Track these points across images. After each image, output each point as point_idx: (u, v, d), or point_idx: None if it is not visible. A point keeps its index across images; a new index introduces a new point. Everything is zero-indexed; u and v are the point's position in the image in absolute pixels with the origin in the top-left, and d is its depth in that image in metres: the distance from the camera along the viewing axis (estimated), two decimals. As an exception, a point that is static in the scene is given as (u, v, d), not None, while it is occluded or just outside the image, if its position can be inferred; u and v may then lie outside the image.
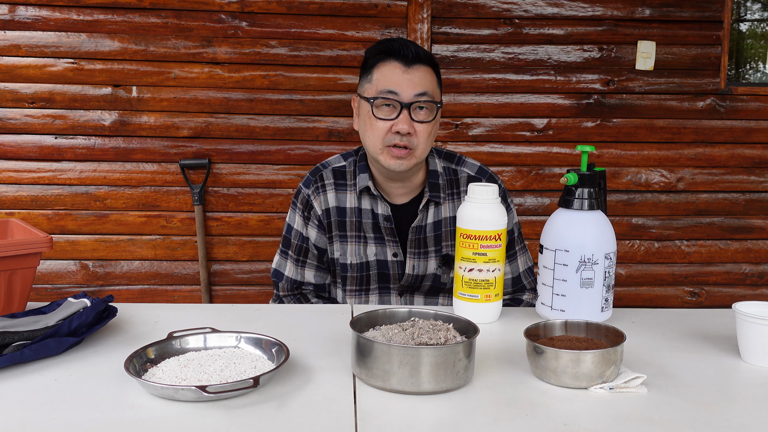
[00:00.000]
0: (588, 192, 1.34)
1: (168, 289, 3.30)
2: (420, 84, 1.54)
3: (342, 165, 1.69)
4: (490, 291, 1.36)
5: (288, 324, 1.35)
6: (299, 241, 1.69)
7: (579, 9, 3.25)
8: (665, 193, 3.39)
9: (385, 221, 1.64)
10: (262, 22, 3.17)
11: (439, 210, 1.66)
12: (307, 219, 1.68)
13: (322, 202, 1.66)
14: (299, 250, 1.70)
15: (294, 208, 1.71)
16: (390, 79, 1.54)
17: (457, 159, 1.71)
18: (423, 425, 0.94)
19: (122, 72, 3.15)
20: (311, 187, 1.68)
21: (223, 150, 3.23)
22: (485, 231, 1.34)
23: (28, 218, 3.19)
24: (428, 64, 1.57)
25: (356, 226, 1.66)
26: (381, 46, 1.58)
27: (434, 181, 1.65)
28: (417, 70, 1.55)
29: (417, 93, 1.54)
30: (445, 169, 1.68)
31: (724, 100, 3.34)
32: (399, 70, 1.54)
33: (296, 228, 1.70)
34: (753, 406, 1.02)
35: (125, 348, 1.18)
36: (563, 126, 3.31)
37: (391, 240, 1.65)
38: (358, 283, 1.68)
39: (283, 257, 1.72)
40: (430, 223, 1.66)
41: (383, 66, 1.56)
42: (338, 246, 1.67)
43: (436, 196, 1.64)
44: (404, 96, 1.53)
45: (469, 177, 1.68)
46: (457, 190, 1.68)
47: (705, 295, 3.47)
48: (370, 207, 1.65)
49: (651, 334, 1.33)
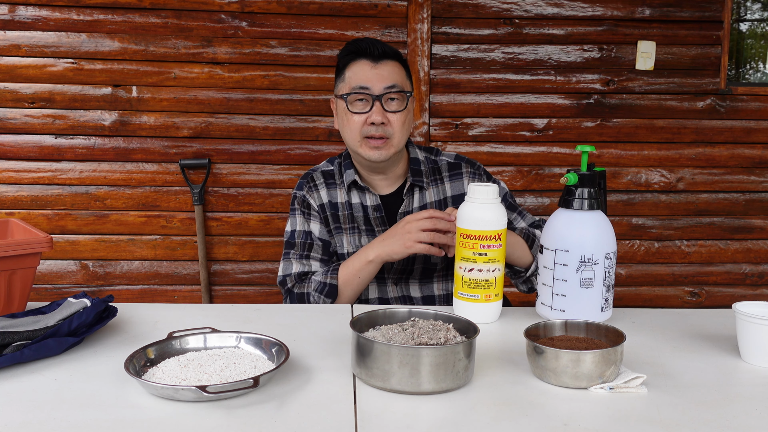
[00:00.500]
0: (588, 192, 1.34)
1: (168, 289, 3.30)
2: (389, 77, 1.66)
3: (330, 168, 1.80)
4: (490, 291, 1.36)
5: (288, 324, 1.35)
6: (303, 239, 1.73)
7: (579, 9, 3.25)
8: (665, 193, 3.39)
9: (375, 211, 1.73)
10: (262, 22, 3.17)
11: (423, 195, 1.75)
12: (308, 216, 1.75)
13: (316, 198, 1.76)
14: (303, 247, 1.73)
15: (293, 212, 1.77)
16: (360, 75, 1.66)
17: (435, 151, 1.83)
18: (423, 425, 0.94)
19: (122, 72, 3.15)
20: (305, 188, 1.77)
21: (223, 150, 3.23)
22: (485, 231, 1.34)
23: (28, 218, 3.19)
24: (395, 59, 1.69)
25: (349, 219, 1.74)
26: (350, 47, 1.70)
27: (416, 167, 1.76)
28: (385, 65, 1.67)
29: (387, 86, 1.65)
30: (426, 158, 1.79)
31: (724, 100, 3.34)
32: (368, 67, 1.66)
33: (298, 229, 1.74)
34: (753, 406, 1.02)
35: (125, 348, 1.18)
36: (563, 126, 3.31)
37: (381, 230, 1.72)
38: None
39: (287, 260, 1.74)
40: (416, 207, 1.75)
41: (354, 65, 1.68)
42: (337, 238, 1.74)
43: (419, 181, 1.74)
44: (375, 89, 1.65)
45: (449, 163, 1.79)
46: (439, 176, 1.78)
47: (705, 295, 3.47)
48: (359, 200, 1.74)
49: (651, 334, 1.33)
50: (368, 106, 1.66)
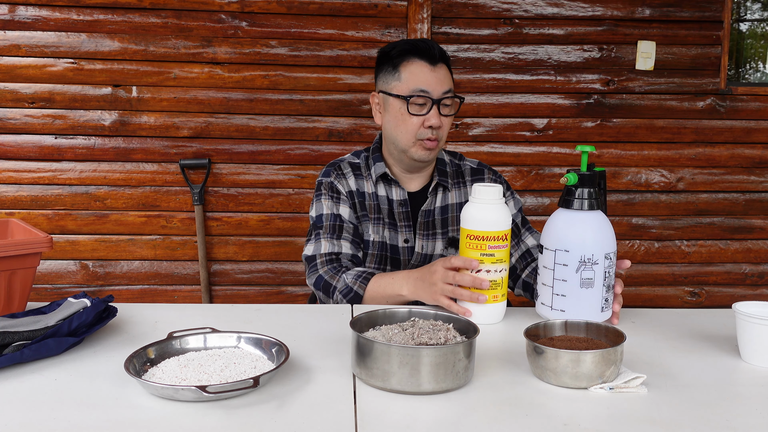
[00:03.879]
0: (588, 192, 1.34)
1: (168, 289, 3.30)
2: (445, 82, 1.68)
3: (356, 161, 1.79)
4: (498, 291, 1.36)
5: (288, 324, 1.35)
6: (332, 221, 1.70)
7: (579, 9, 3.25)
8: (665, 193, 3.39)
9: (401, 206, 1.74)
10: (262, 22, 3.17)
11: (446, 195, 1.78)
12: (337, 200, 1.73)
13: (345, 185, 1.74)
14: (333, 229, 1.69)
15: (319, 197, 1.74)
16: (420, 78, 1.66)
17: (459, 156, 1.87)
18: (423, 425, 0.94)
19: (122, 72, 3.15)
20: (332, 175, 1.75)
21: (223, 150, 3.23)
22: (493, 232, 1.33)
23: (28, 218, 3.19)
24: (447, 63, 1.71)
25: (375, 209, 1.75)
26: (406, 45, 1.68)
27: (442, 168, 1.80)
28: (441, 69, 1.68)
29: (444, 90, 1.67)
30: (450, 161, 1.83)
31: (724, 100, 3.34)
32: (427, 69, 1.66)
33: (326, 212, 1.71)
34: (753, 406, 1.02)
35: (125, 348, 1.18)
36: (563, 126, 3.31)
37: (404, 225, 1.74)
38: (377, 261, 1.74)
39: (317, 240, 1.69)
40: (438, 207, 1.77)
41: (411, 65, 1.67)
42: (363, 225, 1.74)
43: (444, 180, 1.77)
44: (434, 93, 1.66)
45: (472, 168, 1.83)
46: (462, 180, 1.81)
47: (705, 295, 3.47)
48: (385, 194, 1.75)
49: (651, 334, 1.33)
50: (425, 109, 1.66)
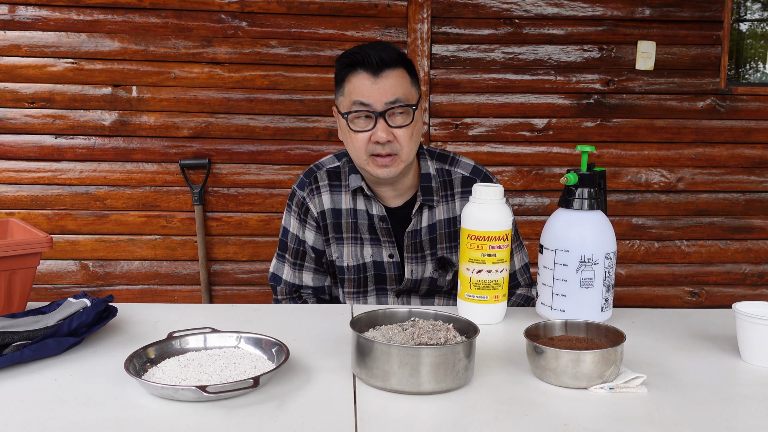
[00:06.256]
0: (588, 192, 1.34)
1: (168, 289, 3.30)
2: (390, 91, 1.51)
3: (336, 165, 1.67)
4: (498, 291, 1.36)
5: (288, 324, 1.35)
6: (296, 245, 1.68)
7: (579, 9, 3.25)
8: (665, 193, 3.39)
9: (381, 221, 1.63)
10: (262, 22, 3.17)
11: (433, 213, 1.64)
12: (303, 222, 1.67)
13: (318, 204, 1.65)
14: (296, 254, 1.68)
15: (289, 210, 1.69)
16: (359, 90, 1.51)
17: (450, 159, 1.68)
18: (423, 425, 0.94)
19: (122, 72, 3.15)
20: (306, 190, 1.66)
21: (223, 150, 3.23)
22: (494, 232, 1.33)
23: (28, 218, 3.19)
24: (397, 65, 1.53)
25: (352, 228, 1.65)
26: (347, 58, 1.54)
27: (427, 184, 1.63)
28: (386, 77, 1.51)
29: (388, 101, 1.51)
30: (438, 170, 1.65)
31: (724, 100, 3.34)
32: (367, 81, 1.51)
33: (292, 231, 1.69)
34: (753, 406, 1.02)
35: (125, 348, 1.18)
36: (563, 126, 3.31)
37: (387, 241, 1.64)
38: (356, 285, 1.68)
39: (281, 261, 1.71)
40: (425, 227, 1.64)
41: (352, 78, 1.53)
42: (335, 248, 1.66)
43: (429, 200, 1.62)
44: (376, 106, 1.50)
45: (463, 178, 1.65)
46: (450, 192, 1.65)
47: (705, 295, 3.47)
48: (365, 208, 1.64)
49: (651, 334, 1.33)
50: (371, 123, 1.52)
